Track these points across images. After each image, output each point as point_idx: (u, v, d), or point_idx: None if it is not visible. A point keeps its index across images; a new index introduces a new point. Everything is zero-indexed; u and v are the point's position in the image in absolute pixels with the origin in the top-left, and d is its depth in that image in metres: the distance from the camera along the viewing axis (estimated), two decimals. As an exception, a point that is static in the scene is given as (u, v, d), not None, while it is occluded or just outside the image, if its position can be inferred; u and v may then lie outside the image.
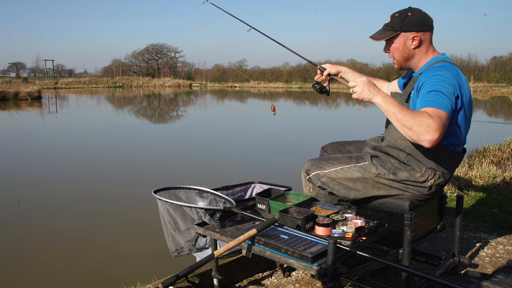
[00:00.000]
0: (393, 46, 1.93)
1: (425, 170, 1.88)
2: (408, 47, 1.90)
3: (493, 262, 2.59)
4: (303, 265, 1.53)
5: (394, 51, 1.94)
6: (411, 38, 1.88)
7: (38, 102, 25.20)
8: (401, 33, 1.89)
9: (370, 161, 1.96)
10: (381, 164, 1.94)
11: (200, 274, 2.18)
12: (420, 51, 1.91)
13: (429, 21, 1.89)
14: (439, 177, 1.89)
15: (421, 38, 1.88)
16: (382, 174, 1.91)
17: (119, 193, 5.59)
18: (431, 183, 1.89)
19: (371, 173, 1.93)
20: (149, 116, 18.93)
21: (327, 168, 2.01)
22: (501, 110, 21.00)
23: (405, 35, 1.89)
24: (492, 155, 6.35)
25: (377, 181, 1.93)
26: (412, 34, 1.88)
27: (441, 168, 1.89)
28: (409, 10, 1.90)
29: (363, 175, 1.94)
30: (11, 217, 4.67)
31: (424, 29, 1.88)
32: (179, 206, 1.94)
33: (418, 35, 1.88)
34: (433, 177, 1.88)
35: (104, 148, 9.30)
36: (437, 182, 1.90)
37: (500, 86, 38.87)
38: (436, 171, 1.88)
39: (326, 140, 2.45)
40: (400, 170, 1.90)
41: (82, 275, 3.29)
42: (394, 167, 1.91)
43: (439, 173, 1.89)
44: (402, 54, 1.93)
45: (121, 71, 59.57)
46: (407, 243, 1.91)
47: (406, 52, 1.91)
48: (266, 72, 58.01)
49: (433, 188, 1.92)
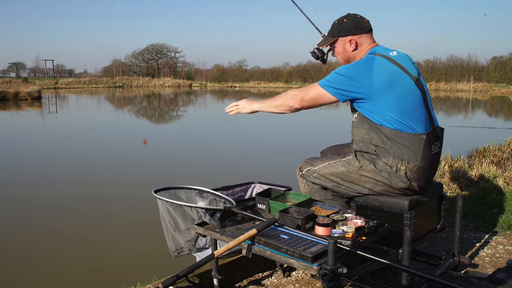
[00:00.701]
0: (336, 50, 2.16)
1: (392, 159, 1.94)
2: (347, 50, 2.11)
3: (493, 262, 2.59)
4: (303, 265, 1.54)
5: (337, 54, 2.17)
6: (348, 42, 2.09)
7: (38, 102, 25.20)
8: (339, 38, 2.11)
9: (354, 156, 2.06)
10: (363, 156, 2.03)
11: (200, 274, 2.18)
12: (358, 53, 2.10)
13: (364, 24, 2.08)
14: (408, 162, 1.93)
15: (357, 41, 2.08)
16: (364, 166, 2.00)
17: (119, 193, 5.59)
18: (403, 170, 1.93)
19: (355, 166, 2.02)
20: (149, 116, 18.93)
21: (317, 164, 2.16)
22: (501, 110, 21.00)
23: (343, 40, 2.11)
24: (492, 155, 6.35)
25: (361, 174, 2.01)
26: (349, 38, 2.08)
27: (404, 152, 1.93)
28: (346, 16, 2.12)
29: (347, 169, 2.05)
30: (11, 217, 4.67)
31: (359, 32, 2.07)
32: (179, 205, 1.94)
33: (354, 38, 2.08)
34: (402, 164, 1.93)
35: (104, 148, 9.31)
36: (409, 168, 1.93)
37: (500, 86, 38.83)
38: (401, 157, 1.93)
39: (325, 140, 2.47)
40: (376, 160, 1.98)
41: (82, 275, 3.29)
42: (372, 158, 2.01)
43: (406, 158, 1.93)
44: (343, 57, 2.15)
45: (121, 71, 59.54)
46: (407, 243, 1.92)
47: (346, 54, 2.13)
48: (266, 72, 57.99)
49: (410, 175, 1.94)
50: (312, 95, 2.01)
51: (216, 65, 64.13)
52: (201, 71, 63.45)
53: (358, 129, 2.03)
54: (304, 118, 17.01)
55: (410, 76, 1.95)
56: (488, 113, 19.32)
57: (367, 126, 1.98)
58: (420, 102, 1.97)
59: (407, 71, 1.96)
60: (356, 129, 2.04)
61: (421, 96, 1.98)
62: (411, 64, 2.02)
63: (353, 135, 2.09)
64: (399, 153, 1.94)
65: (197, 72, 63.78)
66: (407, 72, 1.95)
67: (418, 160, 1.93)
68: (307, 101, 2.02)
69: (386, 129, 1.92)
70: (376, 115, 1.93)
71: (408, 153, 1.93)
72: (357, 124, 2.03)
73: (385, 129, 1.92)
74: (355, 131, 2.06)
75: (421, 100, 1.98)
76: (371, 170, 1.99)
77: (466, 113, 17.86)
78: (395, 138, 1.93)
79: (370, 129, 1.97)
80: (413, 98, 1.95)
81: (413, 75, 1.97)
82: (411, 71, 1.97)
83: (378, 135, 1.95)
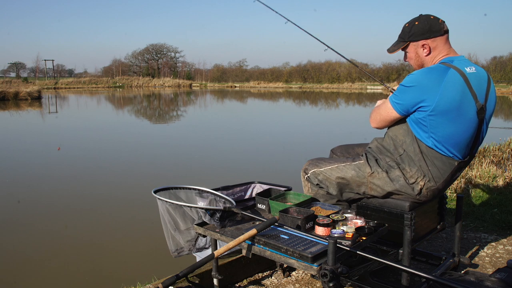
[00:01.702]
0: (408, 56, 1.98)
1: (415, 171, 1.87)
2: (420, 55, 1.93)
3: (493, 262, 2.59)
4: (303, 265, 1.54)
5: (410, 60, 1.98)
6: (421, 46, 1.90)
7: (38, 102, 25.20)
8: (411, 43, 1.93)
9: (366, 160, 1.98)
10: (376, 162, 1.96)
11: (200, 274, 2.18)
12: (432, 58, 1.91)
13: (437, 27, 1.87)
14: (429, 180, 1.87)
15: (430, 45, 1.89)
16: (376, 173, 1.93)
17: (119, 193, 5.59)
18: (421, 186, 1.87)
19: (365, 172, 1.95)
20: (149, 116, 18.93)
21: (323, 166, 2.07)
22: (501, 110, 21.00)
23: (415, 44, 1.92)
24: (492, 155, 6.35)
25: (371, 180, 1.94)
26: (421, 42, 1.89)
27: (431, 171, 1.87)
28: (417, 19, 1.92)
29: (357, 174, 1.97)
30: (11, 217, 4.67)
31: (432, 36, 1.87)
32: (179, 206, 1.94)
33: (427, 42, 1.89)
34: (423, 180, 1.87)
35: (104, 148, 9.31)
36: (427, 186, 1.88)
37: (500, 86, 38.84)
38: (426, 174, 1.87)
39: (326, 139, 2.47)
40: (392, 169, 1.91)
41: (82, 275, 3.28)
42: (388, 165, 1.93)
43: (429, 177, 1.87)
44: (416, 63, 1.96)
45: (121, 71, 59.56)
46: (407, 243, 1.91)
47: (419, 60, 1.95)
48: (266, 72, 58.02)
49: (424, 192, 1.90)
50: (383, 113, 1.91)
51: (216, 65, 64.21)
52: (201, 71, 63.50)
53: (397, 127, 1.92)
54: (305, 118, 17.01)
55: (476, 102, 1.79)
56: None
57: (406, 128, 1.88)
58: (474, 132, 1.84)
59: (476, 95, 1.79)
60: (395, 125, 1.93)
61: (477, 126, 1.84)
62: (484, 86, 1.85)
63: (389, 129, 1.98)
64: (425, 169, 1.86)
65: (197, 72, 63.81)
66: (475, 97, 1.79)
67: (439, 182, 1.88)
68: (379, 121, 1.94)
69: (423, 144, 1.84)
70: (422, 128, 1.82)
71: (434, 172, 1.86)
72: (400, 121, 1.90)
73: (422, 143, 1.84)
74: (393, 126, 1.95)
75: (474, 131, 1.84)
76: (382, 178, 1.92)
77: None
78: (428, 154, 1.84)
79: (408, 133, 1.87)
80: (469, 128, 1.82)
81: (480, 101, 1.80)
82: (479, 96, 1.80)
83: (412, 142, 1.86)
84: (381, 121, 1.93)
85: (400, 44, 1.96)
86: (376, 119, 1.94)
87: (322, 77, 54.03)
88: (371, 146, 2.06)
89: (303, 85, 49.57)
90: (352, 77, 51.24)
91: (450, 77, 1.75)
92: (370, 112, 2.01)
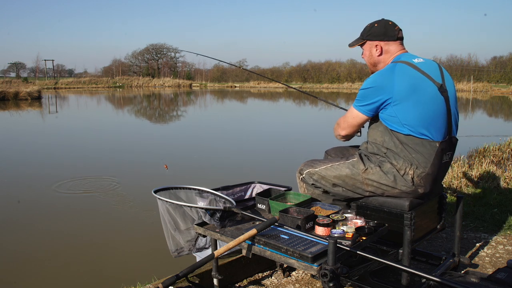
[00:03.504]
0: (364, 53, 2.17)
1: (402, 162, 1.93)
2: (373, 54, 2.11)
3: (493, 262, 2.59)
4: (303, 265, 1.54)
5: (365, 57, 2.18)
6: (374, 46, 2.09)
7: (38, 102, 25.19)
8: (367, 41, 2.12)
9: (359, 158, 2.04)
10: (369, 159, 2.02)
11: (200, 274, 2.18)
12: (384, 59, 2.09)
13: (392, 32, 2.06)
14: (416, 167, 1.92)
15: (382, 47, 2.07)
16: (369, 169, 1.99)
17: (119, 193, 5.59)
18: (411, 175, 1.93)
19: (359, 169, 2.01)
20: (149, 116, 18.92)
21: (318, 166, 2.13)
22: (501, 110, 21.00)
23: (370, 44, 2.11)
24: (492, 155, 6.35)
25: (365, 177, 2.00)
26: (375, 43, 2.08)
27: (415, 158, 1.92)
28: (377, 21, 2.12)
29: (351, 171, 2.03)
30: (11, 217, 4.67)
31: (386, 39, 2.06)
32: (179, 206, 1.94)
33: (380, 44, 2.07)
34: (411, 168, 1.92)
35: (104, 148, 9.30)
36: (417, 173, 1.92)
37: (500, 86, 38.84)
38: (412, 162, 1.92)
39: (325, 139, 2.47)
40: (384, 162, 1.98)
41: (82, 275, 3.28)
42: (379, 160, 2.00)
43: (415, 164, 1.92)
44: (369, 60, 2.15)
45: (121, 71, 59.51)
46: (407, 243, 1.92)
47: (372, 58, 2.13)
48: (266, 72, 57.95)
49: (416, 180, 1.93)
50: (349, 119, 2.06)
51: (216, 65, 64.01)
52: (201, 71, 63.45)
53: (373, 131, 2.03)
54: (305, 119, 17.03)
55: (433, 82, 1.93)
56: (488, 113, 19.32)
57: (382, 129, 1.98)
58: (442, 109, 1.94)
59: (431, 77, 1.93)
60: (372, 130, 2.05)
61: (444, 103, 1.95)
62: (437, 71, 1.99)
63: (367, 136, 2.09)
64: (409, 158, 1.92)
65: (197, 72, 63.78)
66: (431, 79, 1.93)
67: (427, 167, 1.92)
68: (346, 127, 2.09)
69: (400, 134, 1.91)
70: (393, 120, 1.92)
71: (418, 158, 1.91)
72: (374, 126, 2.03)
73: (399, 134, 1.92)
74: (370, 132, 2.06)
75: (443, 107, 1.95)
76: (376, 173, 1.97)
77: (466, 113, 17.85)
78: (408, 142, 1.91)
79: (385, 131, 1.96)
80: (434, 105, 1.92)
81: (437, 81, 1.94)
82: (435, 78, 1.94)
83: (391, 138, 1.94)
84: (349, 127, 2.08)
85: (359, 40, 2.15)
86: (343, 126, 2.09)
87: (322, 77, 54.00)
88: (361, 148, 2.14)
89: (303, 85, 49.55)
90: (352, 77, 51.24)
91: (399, 68, 1.92)
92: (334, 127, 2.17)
